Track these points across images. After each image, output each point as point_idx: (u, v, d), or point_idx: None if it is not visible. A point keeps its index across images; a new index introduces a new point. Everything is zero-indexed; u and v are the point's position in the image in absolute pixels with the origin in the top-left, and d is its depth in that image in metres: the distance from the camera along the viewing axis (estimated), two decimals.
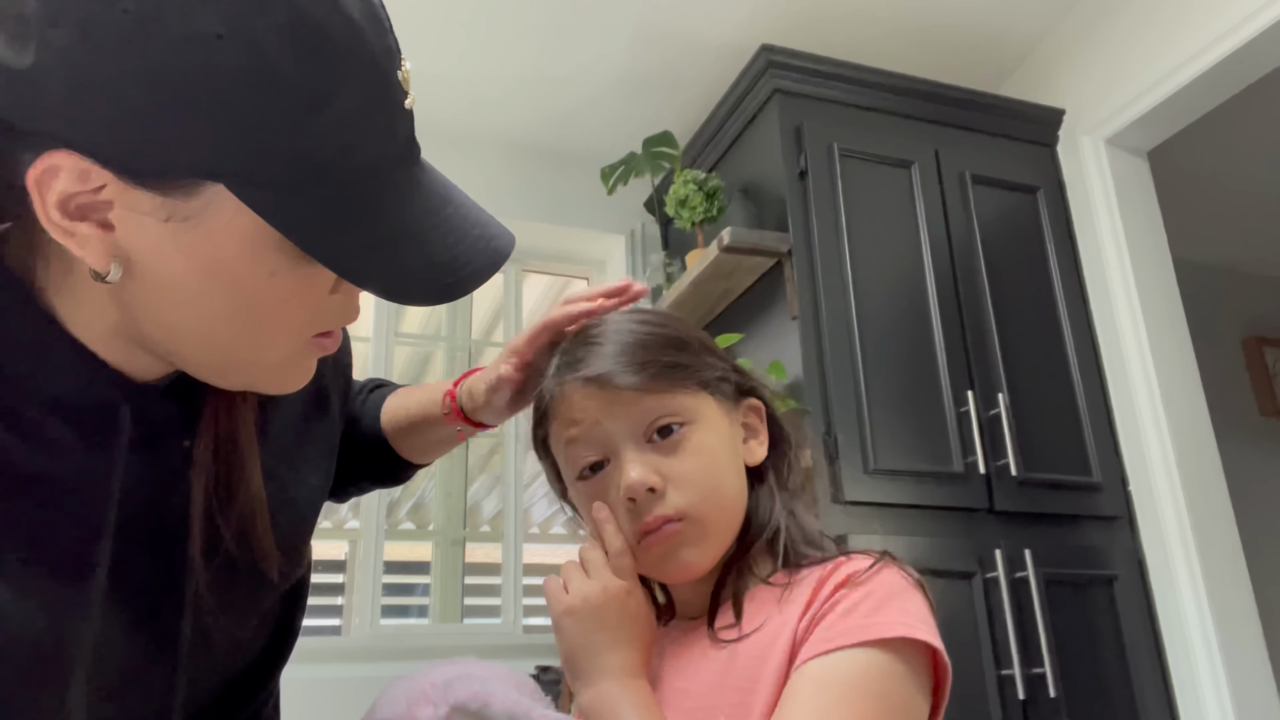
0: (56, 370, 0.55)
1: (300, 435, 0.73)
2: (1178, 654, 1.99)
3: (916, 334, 2.03)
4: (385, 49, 0.52)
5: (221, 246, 0.51)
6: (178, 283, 0.52)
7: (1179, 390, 2.17)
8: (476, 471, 3.87)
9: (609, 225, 2.75)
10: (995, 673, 1.80)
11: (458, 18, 2.28)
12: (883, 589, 0.64)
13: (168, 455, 0.61)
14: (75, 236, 0.50)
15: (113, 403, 0.58)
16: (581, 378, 0.72)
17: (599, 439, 0.71)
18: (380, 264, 0.53)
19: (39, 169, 0.48)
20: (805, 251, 2.03)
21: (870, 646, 0.61)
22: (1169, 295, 2.26)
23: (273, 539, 0.65)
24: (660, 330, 0.75)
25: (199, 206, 0.50)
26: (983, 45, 2.50)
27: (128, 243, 0.51)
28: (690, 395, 0.72)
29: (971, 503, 1.93)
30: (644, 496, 0.69)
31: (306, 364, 0.61)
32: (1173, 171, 2.64)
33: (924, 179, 2.17)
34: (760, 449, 0.76)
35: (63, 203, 0.49)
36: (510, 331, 2.76)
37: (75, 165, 0.48)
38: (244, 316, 0.54)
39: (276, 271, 0.53)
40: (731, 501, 0.72)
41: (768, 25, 2.33)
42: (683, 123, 2.61)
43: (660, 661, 0.72)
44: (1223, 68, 2.05)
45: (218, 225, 0.51)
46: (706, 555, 0.70)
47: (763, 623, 0.66)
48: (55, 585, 0.55)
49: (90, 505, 0.57)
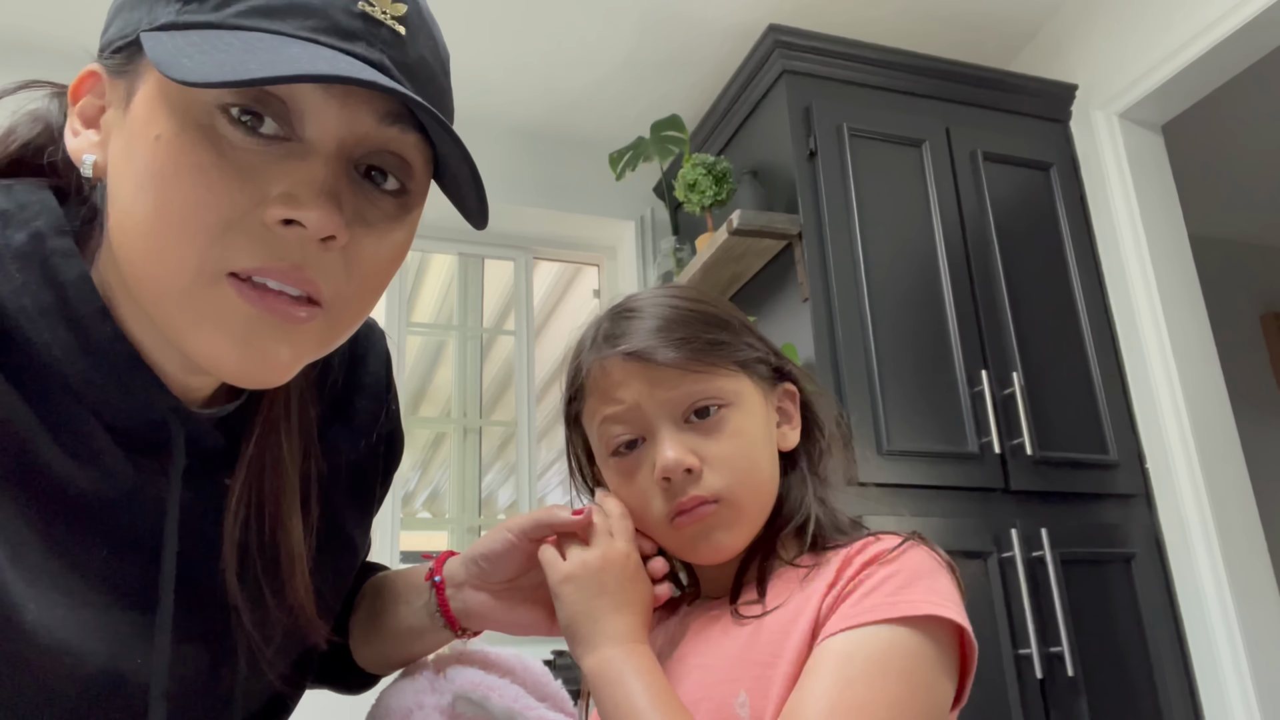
0: (119, 384, 0.54)
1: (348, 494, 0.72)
2: (1196, 631, 1.97)
3: (929, 314, 2.02)
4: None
5: (134, 118, 0.51)
6: (121, 176, 0.51)
7: (1196, 367, 2.14)
8: (491, 461, 3.88)
9: (618, 211, 2.74)
10: (1013, 652, 1.79)
11: (462, 5, 2.27)
12: (911, 567, 0.63)
13: (213, 488, 0.60)
14: (79, 136, 0.54)
15: (167, 428, 0.56)
16: (622, 352, 0.70)
17: (636, 417, 0.70)
18: (197, 56, 0.46)
19: (77, 79, 0.54)
20: (816, 233, 2.01)
21: (896, 624, 0.59)
22: (1185, 271, 2.24)
23: (309, 588, 0.63)
24: (700, 307, 0.74)
25: (132, 80, 0.52)
26: (992, 21, 2.47)
27: (106, 143, 0.53)
28: (729, 376, 0.71)
29: (987, 482, 1.92)
30: (680, 477, 0.68)
31: (229, 309, 0.50)
32: (1188, 145, 2.61)
33: (935, 158, 2.15)
34: (793, 434, 0.75)
35: (83, 110, 0.54)
36: (522, 319, 2.76)
37: (93, 70, 0.54)
38: (148, 197, 0.49)
39: (161, 135, 0.48)
40: (765, 485, 0.71)
41: (775, 5, 2.31)
42: (691, 106, 2.59)
43: (683, 639, 0.71)
44: (1237, 39, 2.02)
45: (140, 96, 0.51)
46: (739, 538, 0.70)
47: (785, 599, 0.65)
48: (114, 619, 0.54)
49: (141, 534, 0.55)
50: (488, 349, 3.42)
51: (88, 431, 0.53)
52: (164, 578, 0.56)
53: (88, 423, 0.53)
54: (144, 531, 0.56)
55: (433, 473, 4.37)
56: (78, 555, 0.53)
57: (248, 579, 0.61)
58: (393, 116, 0.52)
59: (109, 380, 0.54)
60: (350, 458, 0.72)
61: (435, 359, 3.69)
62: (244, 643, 0.61)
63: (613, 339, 0.71)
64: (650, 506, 0.70)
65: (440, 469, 4.27)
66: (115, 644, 0.54)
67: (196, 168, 0.48)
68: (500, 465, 3.94)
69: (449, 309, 3.17)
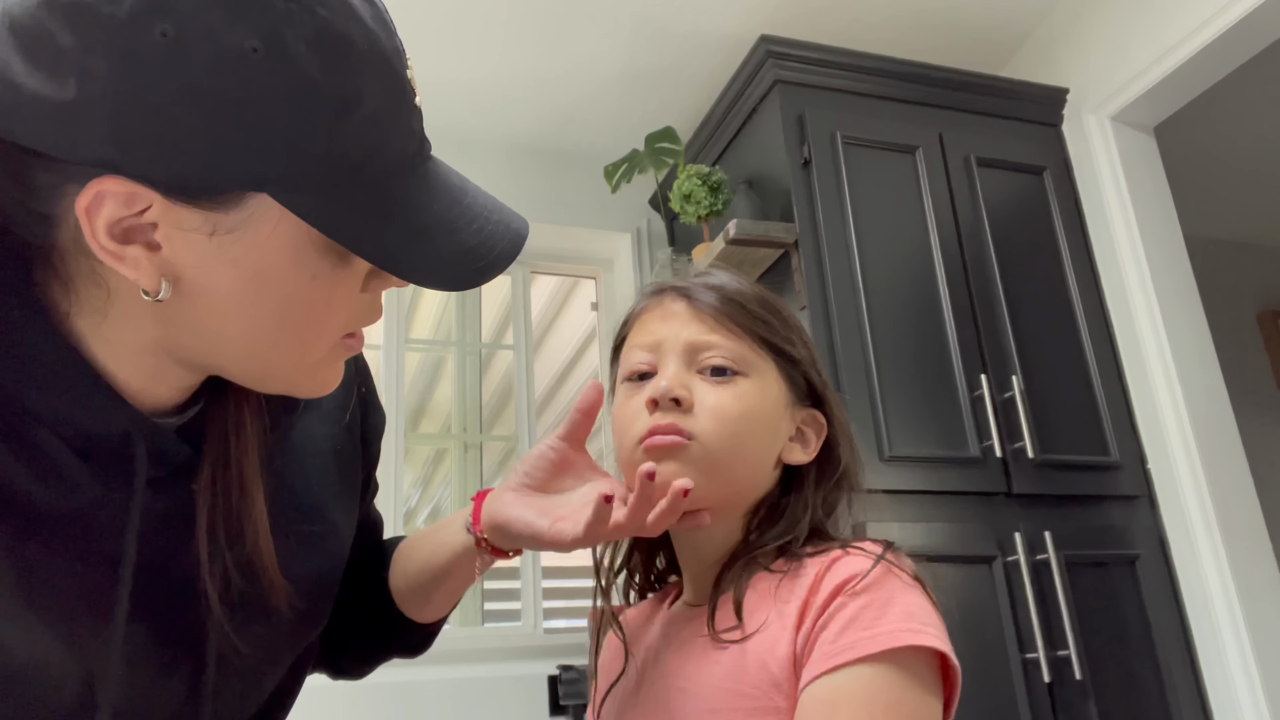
0: (76, 402, 0.55)
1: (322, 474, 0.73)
2: (1203, 630, 1.97)
3: (927, 319, 2.02)
4: (395, 50, 0.54)
5: (266, 255, 0.53)
6: (225, 295, 0.54)
7: (1195, 366, 2.15)
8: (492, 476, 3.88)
9: (615, 223, 2.74)
10: (1020, 657, 1.79)
11: (456, 22, 2.28)
12: (883, 595, 0.62)
13: (181, 495, 0.61)
14: (125, 260, 0.51)
15: (128, 440, 0.57)
16: (673, 287, 0.75)
17: (658, 350, 0.73)
18: (420, 255, 0.55)
19: (88, 196, 0.49)
20: (812, 241, 2.02)
21: (875, 660, 0.59)
22: (1181, 271, 2.25)
23: (278, 569, 0.65)
24: (760, 291, 0.77)
25: (243, 218, 0.51)
26: (983, 27, 2.48)
27: (175, 260, 0.52)
28: (757, 354, 0.72)
29: (989, 487, 1.92)
30: (667, 405, 0.69)
31: (338, 366, 0.63)
32: (1180, 146, 2.62)
33: (929, 164, 2.16)
34: (801, 455, 0.74)
35: (111, 227, 0.50)
36: (520, 333, 2.76)
37: (122, 189, 0.49)
38: (288, 321, 0.56)
39: (318, 275, 0.55)
40: (745, 464, 0.71)
41: (766, 16, 2.32)
42: (684, 117, 2.60)
43: (666, 651, 0.71)
44: (1226, 39, 2.03)
45: (262, 234, 0.52)
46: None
47: (763, 622, 0.65)
48: (80, 630, 0.56)
49: (108, 546, 0.57)
50: (487, 364, 3.42)
51: (49, 449, 0.54)
52: (121, 587, 0.57)
53: (49, 440, 0.54)
54: (111, 544, 0.57)
55: (434, 489, 4.37)
56: (48, 574, 0.54)
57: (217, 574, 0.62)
58: None
59: (64, 397, 0.55)
60: (325, 445, 0.74)
61: (434, 375, 3.68)
62: (214, 650, 0.63)
63: (673, 282, 0.76)
64: (632, 426, 0.71)
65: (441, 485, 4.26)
66: (85, 659, 0.56)
67: (350, 297, 0.58)
68: (502, 480, 3.93)
69: (447, 325, 3.17)
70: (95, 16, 0.45)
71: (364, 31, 0.51)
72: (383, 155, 0.54)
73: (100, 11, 0.45)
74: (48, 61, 0.46)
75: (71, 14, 0.46)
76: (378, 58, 0.52)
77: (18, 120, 0.48)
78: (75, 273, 0.53)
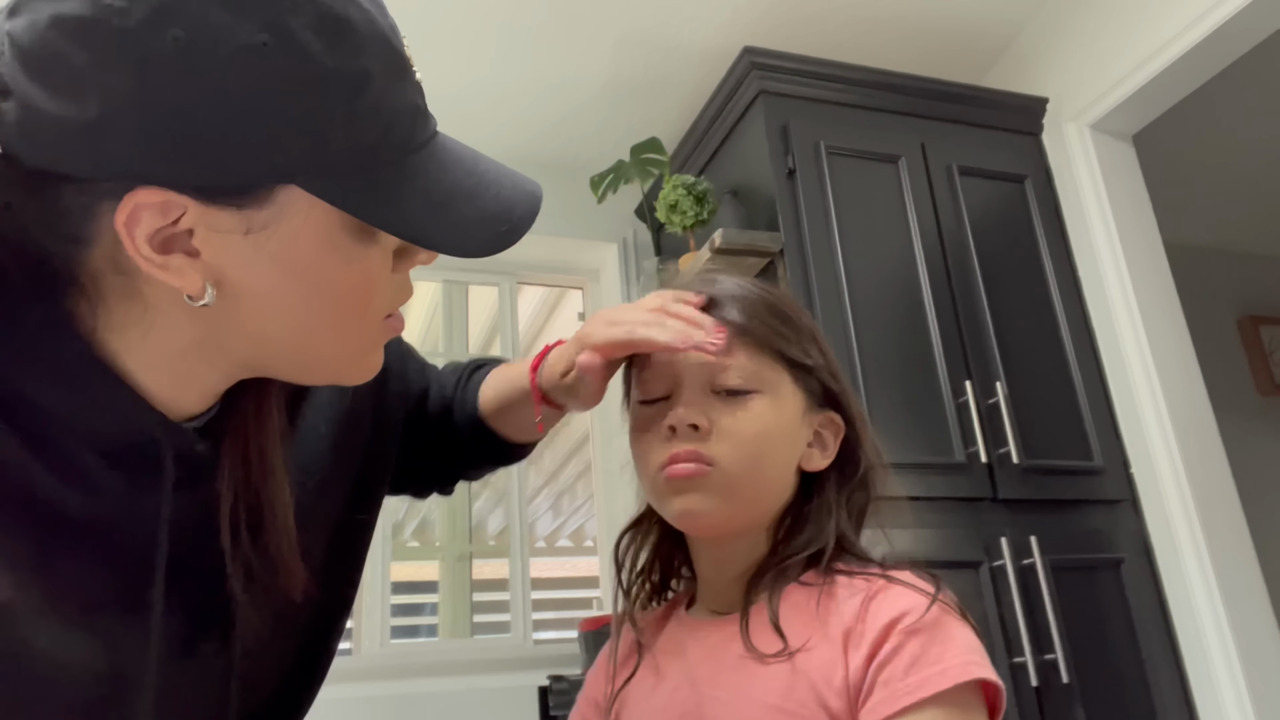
0: (101, 411, 0.56)
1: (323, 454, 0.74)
2: (1188, 633, 1.99)
3: (912, 327, 2.04)
4: (391, 27, 0.55)
5: (301, 246, 0.53)
6: (266, 291, 0.54)
7: (1176, 372, 2.17)
8: (480, 488, 3.86)
9: (601, 234, 2.75)
10: (1007, 661, 1.80)
11: (441, 36, 2.29)
12: (941, 631, 0.64)
13: (204, 493, 0.62)
14: (170, 269, 0.51)
15: (154, 444, 0.58)
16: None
17: (673, 374, 0.72)
18: (446, 225, 0.56)
19: (125, 211, 0.49)
20: (797, 250, 2.03)
21: (940, 699, 0.61)
22: (1161, 277, 2.27)
23: (299, 557, 0.66)
24: (770, 297, 0.76)
25: (275, 212, 0.52)
26: (963, 38, 2.51)
27: (215, 263, 0.52)
28: (772, 368, 0.72)
29: (975, 492, 1.93)
30: (685, 431, 0.69)
31: (380, 350, 0.64)
32: (1159, 154, 2.65)
33: (912, 173, 2.18)
34: (820, 460, 0.74)
35: (151, 238, 0.50)
36: (507, 344, 2.76)
37: (156, 199, 0.49)
38: (330, 309, 0.57)
39: (351, 259, 0.55)
40: (767, 482, 0.71)
41: (749, 27, 2.34)
42: (669, 128, 2.61)
43: (690, 652, 0.71)
44: (1203, 48, 2.06)
45: (294, 226, 0.53)
46: (714, 513, 0.70)
47: (806, 640, 0.65)
48: (114, 629, 0.56)
49: (140, 548, 0.57)
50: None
51: (79, 458, 0.55)
52: (154, 589, 0.58)
53: (78, 450, 0.55)
54: (142, 546, 0.57)
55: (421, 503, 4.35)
56: (81, 579, 0.55)
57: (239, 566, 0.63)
58: None
59: (90, 406, 0.55)
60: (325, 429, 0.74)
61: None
62: (240, 641, 0.64)
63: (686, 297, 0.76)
64: (652, 454, 0.71)
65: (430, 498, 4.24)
66: (120, 659, 0.56)
67: (384, 277, 0.58)
68: (489, 492, 3.92)
69: (434, 337, 3.17)
70: (106, 31, 0.45)
71: (360, 12, 0.52)
72: (395, 131, 0.54)
73: (110, 25, 0.45)
74: (65, 83, 0.46)
75: (82, 33, 0.46)
76: (377, 36, 0.53)
77: (43, 147, 0.48)
78: (108, 290, 0.54)
